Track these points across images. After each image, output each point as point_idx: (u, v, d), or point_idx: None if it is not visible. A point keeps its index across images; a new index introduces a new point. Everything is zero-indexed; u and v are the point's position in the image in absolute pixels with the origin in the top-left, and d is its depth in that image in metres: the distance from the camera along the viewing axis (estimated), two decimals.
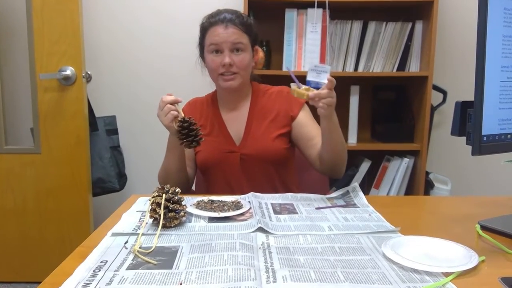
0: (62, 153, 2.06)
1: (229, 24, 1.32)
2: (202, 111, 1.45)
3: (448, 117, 2.31)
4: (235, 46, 1.32)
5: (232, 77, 1.34)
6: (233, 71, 1.33)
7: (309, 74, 2.23)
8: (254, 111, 1.41)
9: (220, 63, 1.32)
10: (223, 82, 1.35)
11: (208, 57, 1.36)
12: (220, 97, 1.45)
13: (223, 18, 1.33)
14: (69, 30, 1.98)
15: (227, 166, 1.37)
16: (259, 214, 1.01)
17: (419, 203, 1.31)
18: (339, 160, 1.28)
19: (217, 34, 1.32)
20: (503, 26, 0.85)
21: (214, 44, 1.32)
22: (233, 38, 1.31)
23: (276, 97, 1.42)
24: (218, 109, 1.44)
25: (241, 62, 1.33)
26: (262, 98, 1.43)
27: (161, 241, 0.86)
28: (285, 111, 1.39)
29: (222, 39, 1.31)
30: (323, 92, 1.15)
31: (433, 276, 0.71)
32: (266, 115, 1.40)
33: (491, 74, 0.84)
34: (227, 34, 1.31)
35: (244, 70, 1.35)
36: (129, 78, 2.33)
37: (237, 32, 1.32)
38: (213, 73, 1.37)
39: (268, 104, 1.41)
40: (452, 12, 2.29)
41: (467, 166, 2.37)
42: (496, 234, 0.93)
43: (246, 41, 1.35)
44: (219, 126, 1.41)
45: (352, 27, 2.11)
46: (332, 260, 0.78)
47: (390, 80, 2.23)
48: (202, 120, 1.42)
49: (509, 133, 0.90)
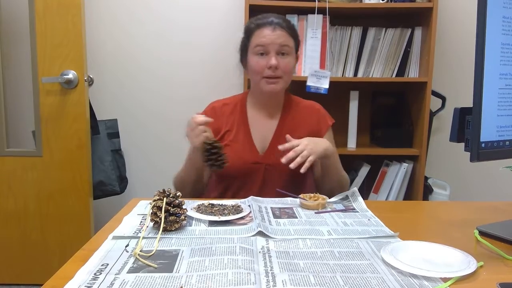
0: (64, 156, 2.07)
1: (277, 27, 1.31)
2: (228, 115, 1.41)
3: (447, 123, 2.31)
4: (282, 49, 1.31)
5: (275, 81, 1.32)
6: (278, 74, 1.31)
7: (309, 79, 2.25)
8: (285, 122, 1.40)
9: (265, 65, 1.30)
10: (266, 85, 1.33)
11: (252, 58, 1.34)
12: (252, 101, 1.43)
13: (271, 21, 1.32)
14: (72, 33, 1.99)
15: (249, 177, 1.35)
16: (259, 218, 1.02)
17: (418, 208, 1.31)
18: (335, 190, 1.30)
19: (264, 35, 1.31)
20: (502, 34, 0.86)
21: (261, 46, 1.31)
22: (280, 40, 1.30)
23: (307, 112, 1.42)
24: (245, 114, 1.41)
25: (287, 66, 1.32)
26: (295, 110, 1.42)
27: (162, 244, 0.87)
28: (315, 129, 1.40)
29: (269, 40, 1.30)
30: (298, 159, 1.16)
31: (431, 281, 0.72)
32: (297, 128, 1.38)
33: (489, 81, 0.85)
34: (275, 36, 1.30)
35: (288, 75, 1.34)
36: (131, 82, 2.34)
37: (284, 34, 1.31)
38: (256, 75, 1.34)
39: (298, 118, 1.41)
40: (451, 19, 2.31)
41: (466, 172, 2.38)
42: (494, 240, 0.94)
43: (292, 44, 1.34)
44: (245, 132, 1.38)
45: (352, 33, 2.12)
46: (332, 265, 0.78)
47: (390, 85, 2.24)
48: (228, 125, 1.39)
49: (507, 140, 0.91)
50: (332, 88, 1.99)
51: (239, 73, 2.19)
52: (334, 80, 2.05)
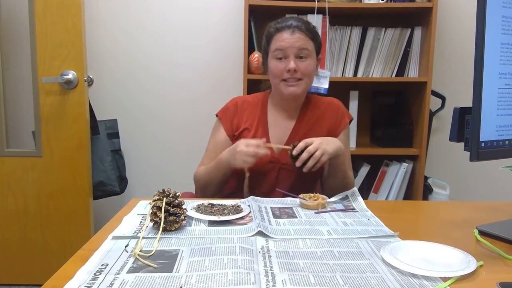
0: (64, 156, 2.07)
1: (295, 30, 1.31)
2: (250, 112, 1.43)
3: (447, 122, 2.32)
4: (301, 52, 1.31)
5: (295, 83, 1.32)
6: (297, 77, 1.31)
7: None
8: (302, 123, 1.40)
9: (284, 69, 1.31)
10: (286, 88, 1.33)
11: (272, 62, 1.34)
12: (272, 102, 1.44)
13: (289, 24, 1.32)
14: (71, 34, 1.99)
15: (263, 176, 1.37)
16: (259, 218, 1.02)
17: (418, 208, 1.31)
18: (339, 189, 1.30)
19: (283, 39, 1.31)
20: (501, 33, 0.86)
21: (280, 50, 1.31)
22: (299, 43, 1.30)
23: (325, 111, 1.43)
24: (265, 114, 1.42)
25: (306, 68, 1.32)
26: (313, 110, 1.42)
27: (162, 244, 0.87)
28: (333, 126, 1.41)
29: (288, 44, 1.30)
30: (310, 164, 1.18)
31: (431, 281, 0.72)
32: (314, 128, 1.39)
33: (489, 81, 0.85)
34: (293, 39, 1.30)
35: (308, 77, 1.34)
36: (131, 82, 2.34)
37: (303, 38, 1.31)
38: (275, 78, 1.35)
39: (317, 116, 1.41)
40: (450, 19, 2.31)
41: (465, 171, 2.38)
42: (494, 239, 0.94)
43: (311, 47, 1.33)
44: (263, 131, 1.40)
45: (351, 33, 2.12)
46: (331, 264, 0.78)
47: (389, 85, 2.24)
48: (249, 122, 1.41)
49: (506, 139, 0.91)
50: (332, 88, 1.99)
51: (239, 73, 2.20)
52: (333, 80, 2.05)
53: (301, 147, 1.19)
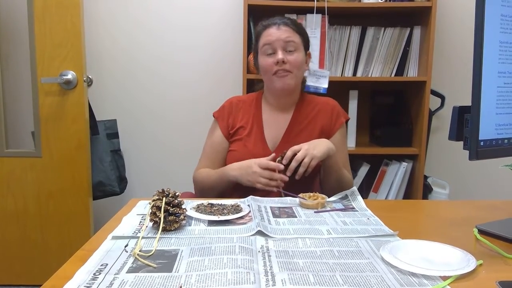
0: (63, 156, 2.07)
1: (281, 25, 1.35)
2: (244, 111, 1.44)
3: (446, 122, 2.32)
4: (288, 44, 1.33)
5: (285, 74, 1.33)
6: (286, 68, 1.33)
7: (309, 79, 2.25)
8: (297, 120, 1.41)
9: (273, 62, 1.32)
10: (277, 80, 1.34)
11: (261, 58, 1.37)
12: (266, 100, 1.45)
13: (275, 21, 1.36)
14: (71, 34, 1.99)
15: None
16: (258, 218, 1.02)
17: (418, 207, 1.31)
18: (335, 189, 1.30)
19: (270, 34, 1.34)
20: (500, 32, 0.86)
21: (268, 44, 1.34)
22: (285, 35, 1.33)
23: (320, 109, 1.43)
24: (260, 112, 1.44)
25: (295, 60, 1.33)
26: (307, 108, 1.43)
27: (161, 244, 0.87)
28: (327, 128, 1.41)
29: (274, 37, 1.33)
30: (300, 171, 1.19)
31: (431, 280, 0.72)
32: (308, 126, 1.40)
33: (488, 79, 0.85)
34: (279, 32, 1.33)
35: (298, 70, 1.35)
36: (130, 82, 2.34)
37: (289, 30, 1.34)
38: (266, 74, 1.36)
39: (311, 115, 1.42)
40: (449, 18, 2.31)
41: (465, 170, 2.38)
42: (493, 238, 0.94)
43: (298, 40, 1.36)
44: (258, 130, 1.41)
45: (350, 33, 2.12)
46: (331, 264, 0.78)
47: (389, 85, 2.24)
48: (243, 121, 1.42)
49: (506, 138, 0.91)
50: (331, 88, 1.99)
51: (238, 73, 2.20)
52: (333, 80, 2.05)
53: (289, 156, 1.20)
